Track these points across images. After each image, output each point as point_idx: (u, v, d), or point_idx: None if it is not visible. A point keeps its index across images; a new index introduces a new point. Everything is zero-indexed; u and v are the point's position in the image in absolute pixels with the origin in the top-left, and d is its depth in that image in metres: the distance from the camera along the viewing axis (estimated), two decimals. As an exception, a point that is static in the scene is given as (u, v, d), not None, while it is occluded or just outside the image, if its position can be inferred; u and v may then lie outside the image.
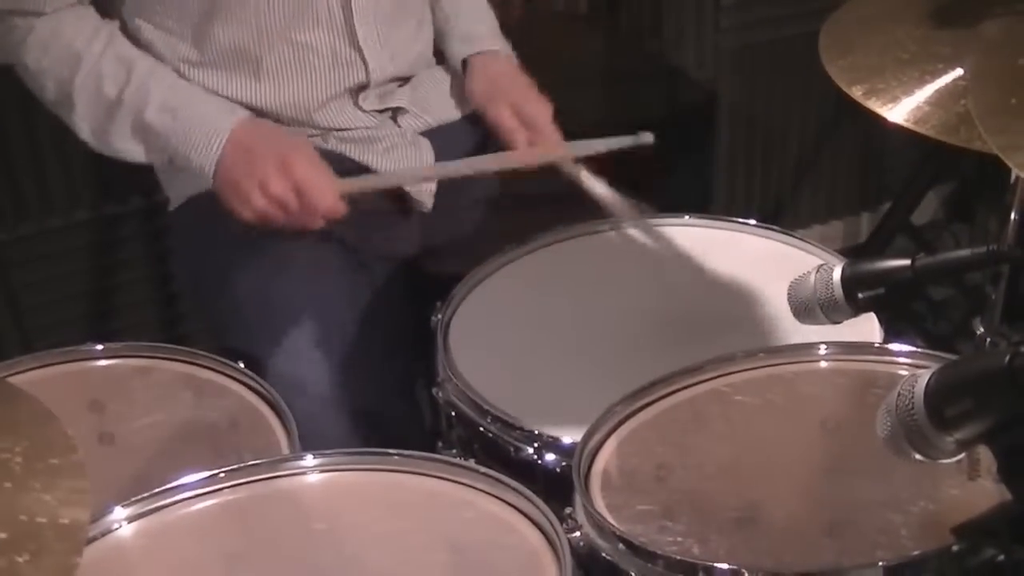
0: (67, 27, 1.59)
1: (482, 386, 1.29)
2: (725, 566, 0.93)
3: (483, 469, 1.08)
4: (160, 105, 1.57)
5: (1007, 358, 0.84)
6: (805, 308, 1.17)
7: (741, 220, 1.59)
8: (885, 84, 1.40)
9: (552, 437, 1.20)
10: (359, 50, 1.65)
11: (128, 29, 1.63)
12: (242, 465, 1.08)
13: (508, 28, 1.82)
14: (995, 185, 1.81)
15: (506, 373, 1.32)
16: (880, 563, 0.91)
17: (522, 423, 1.22)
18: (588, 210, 1.64)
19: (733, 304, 1.42)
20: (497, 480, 1.05)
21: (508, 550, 0.99)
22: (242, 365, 1.34)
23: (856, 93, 1.39)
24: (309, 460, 1.10)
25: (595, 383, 1.27)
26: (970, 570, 0.90)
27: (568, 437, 1.18)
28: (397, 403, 1.55)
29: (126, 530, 1.03)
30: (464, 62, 1.74)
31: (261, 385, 1.30)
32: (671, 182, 2.12)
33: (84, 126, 1.61)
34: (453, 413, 1.31)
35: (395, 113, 1.73)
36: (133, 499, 1.03)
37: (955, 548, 0.90)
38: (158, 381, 1.35)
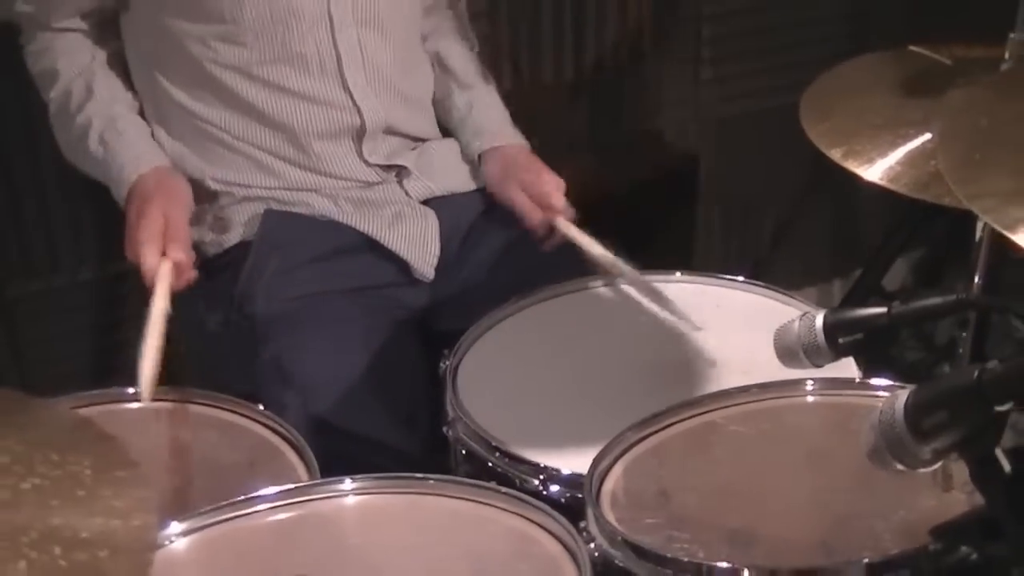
0: (58, 46, 1.76)
1: (489, 424, 1.39)
2: (726, 565, 1.03)
3: (503, 489, 1.17)
4: (98, 136, 1.72)
5: (976, 374, 0.95)
6: (789, 352, 1.27)
7: (729, 276, 1.69)
8: (861, 147, 1.53)
9: (555, 469, 1.29)
10: (349, 93, 1.76)
11: (139, 74, 1.78)
12: (286, 487, 1.18)
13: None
14: (962, 249, 1.93)
15: (510, 413, 1.43)
16: (865, 560, 1.01)
17: (527, 457, 1.32)
18: (583, 269, 1.76)
19: (721, 350, 1.52)
20: (516, 497, 1.15)
21: (529, 559, 1.09)
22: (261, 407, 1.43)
23: (835, 155, 1.52)
24: (347, 484, 1.20)
25: (594, 421, 1.36)
26: (945, 568, 1.01)
27: (569, 469, 1.28)
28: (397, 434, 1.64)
29: (179, 543, 1.12)
30: (479, 155, 1.86)
31: (281, 424, 1.39)
32: (652, 247, 2.23)
33: (58, 137, 1.78)
34: (463, 450, 1.40)
35: (400, 174, 1.84)
36: (188, 515, 1.12)
37: (932, 548, 1.00)
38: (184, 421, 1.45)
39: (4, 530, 0.89)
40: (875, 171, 1.50)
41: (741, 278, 1.69)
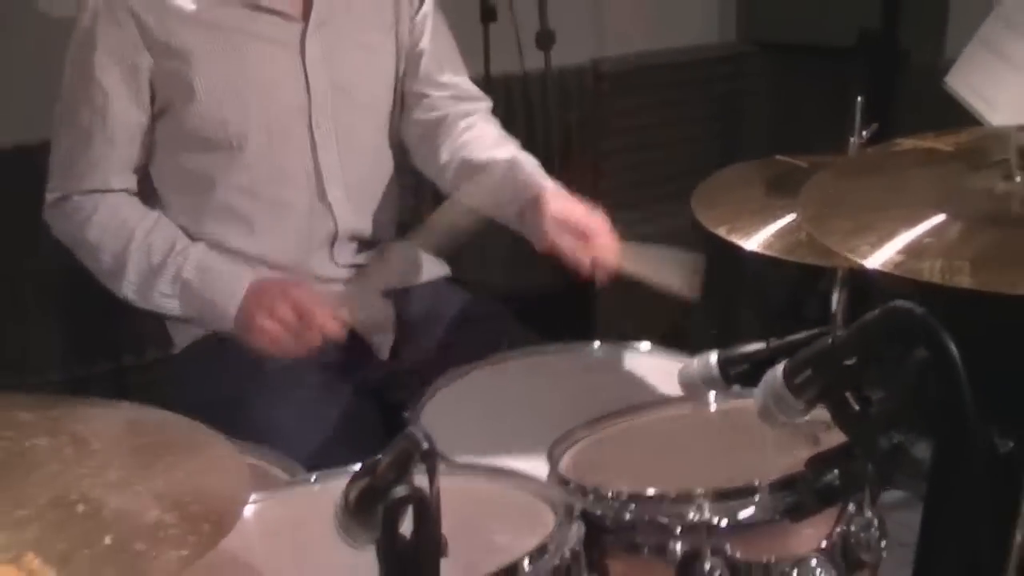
0: (124, 207, 2.07)
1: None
2: (653, 491, 1.41)
3: (482, 465, 1.52)
4: (196, 266, 2.04)
5: (829, 339, 1.35)
6: (692, 385, 1.67)
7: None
8: (742, 225, 1.95)
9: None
10: (328, 205, 2.13)
11: (160, 202, 2.12)
12: (326, 472, 1.51)
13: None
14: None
15: (468, 443, 1.68)
16: (756, 481, 1.39)
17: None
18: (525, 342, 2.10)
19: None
20: (493, 470, 1.49)
21: (512, 505, 1.43)
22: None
23: (722, 232, 1.94)
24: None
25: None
26: (816, 488, 1.38)
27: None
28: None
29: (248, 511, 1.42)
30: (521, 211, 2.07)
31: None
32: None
33: (130, 287, 2.06)
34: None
35: (363, 270, 2.22)
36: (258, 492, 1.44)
37: (808, 471, 1.38)
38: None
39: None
40: (754, 242, 1.92)
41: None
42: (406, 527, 1.09)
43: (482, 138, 2.22)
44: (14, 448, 1.23)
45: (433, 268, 2.31)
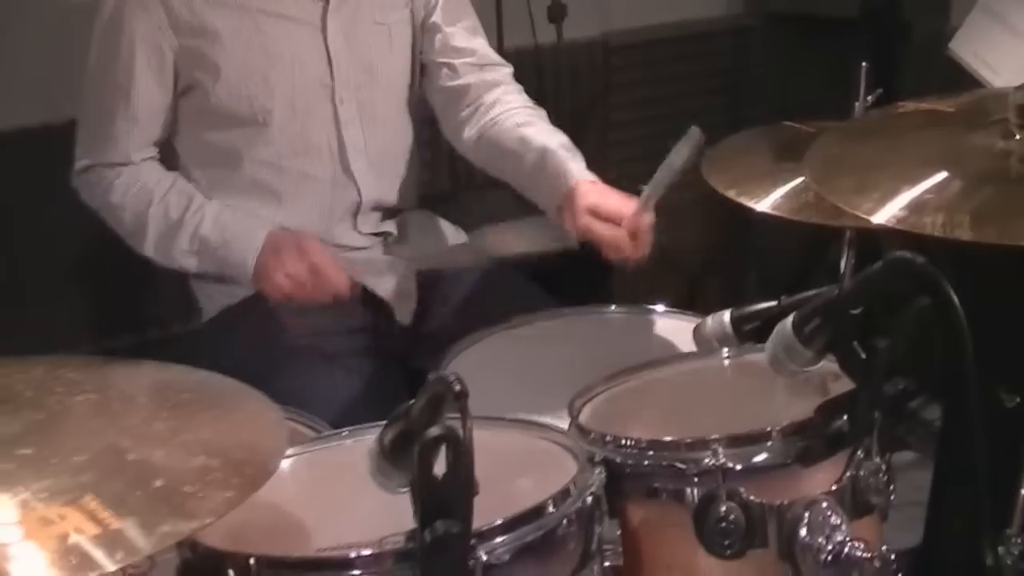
0: (144, 173, 2.15)
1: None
2: (669, 437, 1.48)
3: (505, 417, 1.58)
4: (213, 222, 2.12)
5: (836, 290, 1.42)
6: (705, 343, 1.74)
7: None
8: (752, 188, 2.02)
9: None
10: (352, 176, 2.20)
11: (185, 175, 2.19)
12: (357, 427, 1.58)
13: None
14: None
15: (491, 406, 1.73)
16: (767, 427, 1.45)
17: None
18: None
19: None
20: (515, 421, 1.56)
21: (537, 453, 1.50)
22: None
23: (731, 194, 2.01)
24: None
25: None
26: (825, 433, 1.45)
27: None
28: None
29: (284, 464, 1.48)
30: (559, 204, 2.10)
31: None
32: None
33: (152, 245, 2.14)
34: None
35: (385, 239, 2.29)
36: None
37: (817, 417, 1.45)
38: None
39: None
40: (764, 204, 1.99)
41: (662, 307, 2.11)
42: (438, 469, 1.15)
43: (511, 113, 2.25)
44: (65, 403, 1.31)
45: (451, 236, 2.38)
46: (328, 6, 2.13)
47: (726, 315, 1.73)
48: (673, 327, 2.04)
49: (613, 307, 2.16)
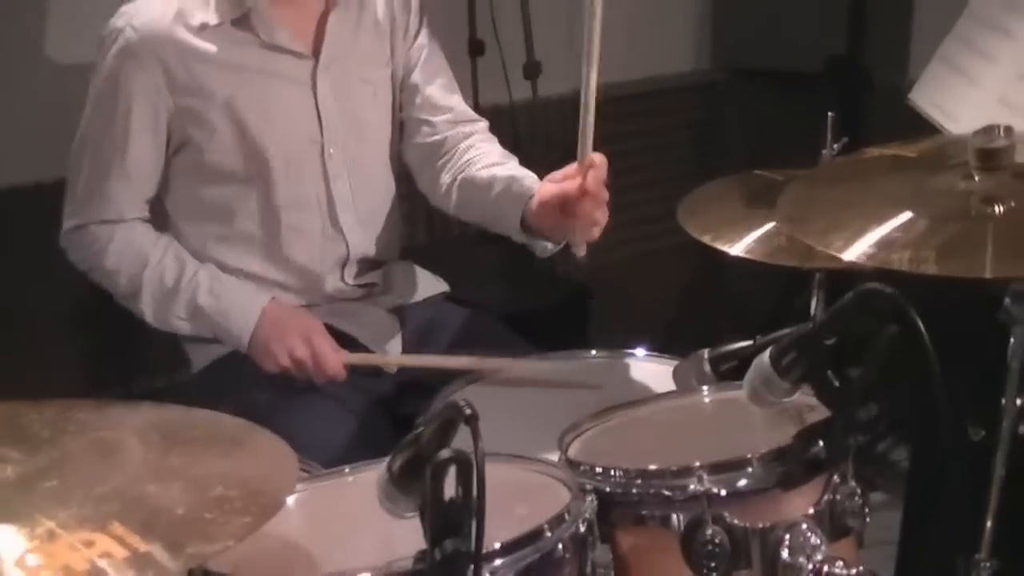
0: (137, 236, 2.21)
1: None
2: (655, 466, 1.55)
3: (500, 452, 1.64)
4: (208, 290, 2.18)
5: (811, 327, 1.51)
6: (684, 381, 1.82)
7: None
8: (725, 233, 2.12)
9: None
10: (340, 229, 2.29)
11: (175, 231, 2.26)
12: (357, 464, 1.65)
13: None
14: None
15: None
16: (747, 454, 1.53)
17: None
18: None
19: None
20: (510, 456, 1.63)
21: (532, 487, 1.57)
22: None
23: (706, 239, 2.10)
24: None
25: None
26: (803, 459, 1.53)
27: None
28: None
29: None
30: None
31: None
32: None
33: (148, 309, 2.20)
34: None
35: (370, 290, 2.37)
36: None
37: (796, 443, 1.53)
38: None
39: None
40: (738, 248, 2.09)
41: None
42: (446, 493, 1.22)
43: (483, 156, 2.35)
44: (79, 441, 1.37)
45: (432, 286, 2.46)
46: (318, 66, 2.22)
47: (704, 355, 1.82)
48: (653, 370, 2.11)
49: (594, 352, 2.24)
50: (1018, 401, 1.92)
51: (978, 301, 1.97)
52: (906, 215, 1.66)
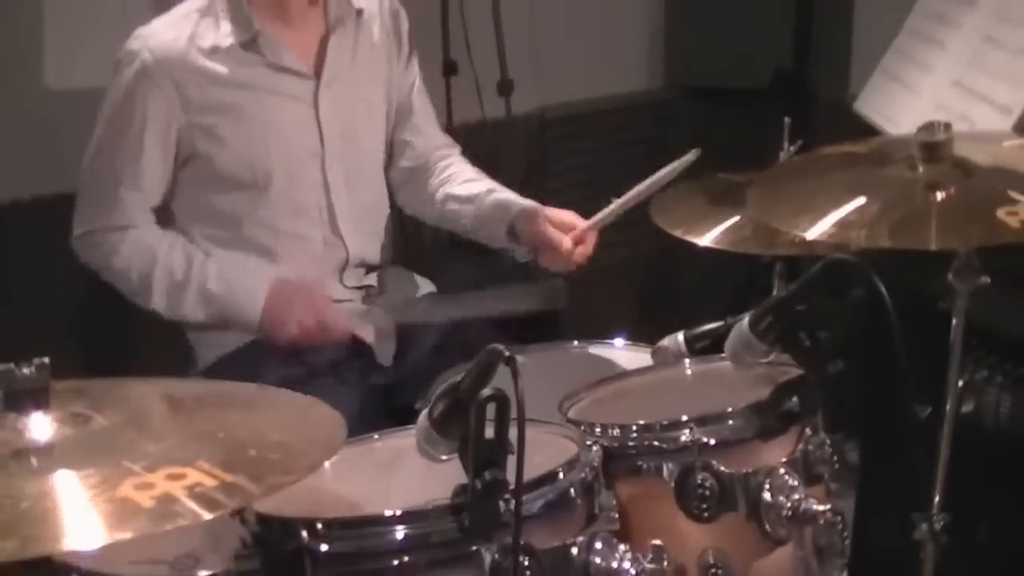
0: (146, 235, 2.38)
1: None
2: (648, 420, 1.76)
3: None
4: (217, 277, 2.36)
5: (784, 294, 1.72)
6: (663, 361, 2.03)
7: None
8: (695, 227, 2.33)
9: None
10: (340, 236, 2.48)
11: (182, 234, 2.43)
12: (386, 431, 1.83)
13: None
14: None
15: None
16: (729, 408, 1.74)
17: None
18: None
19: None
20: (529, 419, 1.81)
21: (538, 438, 1.75)
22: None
23: (678, 232, 2.32)
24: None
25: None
26: (779, 412, 1.74)
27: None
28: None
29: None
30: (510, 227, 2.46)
31: None
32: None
33: (161, 302, 2.37)
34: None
35: (367, 292, 2.56)
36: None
37: (771, 396, 1.74)
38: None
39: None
40: (706, 239, 2.30)
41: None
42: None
43: (461, 174, 2.62)
44: (139, 406, 1.54)
45: (424, 288, 2.66)
46: (320, 84, 2.41)
47: (680, 335, 2.03)
48: (630, 357, 2.32)
49: (575, 342, 2.43)
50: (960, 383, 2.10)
51: (921, 284, 2.19)
52: (860, 200, 1.87)
